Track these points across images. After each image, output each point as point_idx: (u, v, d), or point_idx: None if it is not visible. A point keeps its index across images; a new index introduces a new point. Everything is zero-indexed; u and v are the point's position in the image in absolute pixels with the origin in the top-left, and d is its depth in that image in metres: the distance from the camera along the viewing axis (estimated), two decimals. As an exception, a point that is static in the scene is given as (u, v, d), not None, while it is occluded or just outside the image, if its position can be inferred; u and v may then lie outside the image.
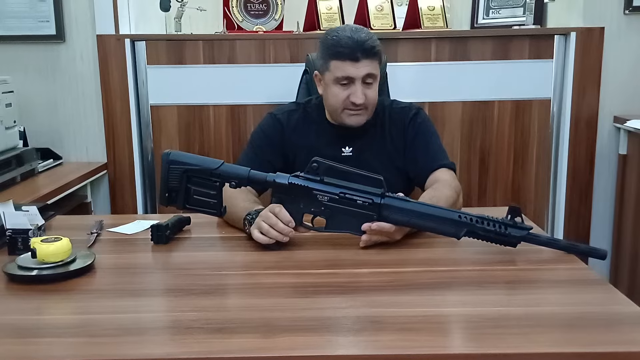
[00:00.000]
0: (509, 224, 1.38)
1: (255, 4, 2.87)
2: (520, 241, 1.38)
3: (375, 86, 1.76)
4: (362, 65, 1.71)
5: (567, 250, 1.40)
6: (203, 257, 1.43)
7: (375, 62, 1.74)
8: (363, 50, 1.70)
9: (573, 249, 1.40)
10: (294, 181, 1.43)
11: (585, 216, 2.83)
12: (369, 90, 1.74)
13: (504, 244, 1.39)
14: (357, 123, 1.78)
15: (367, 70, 1.72)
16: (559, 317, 1.10)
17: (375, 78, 1.75)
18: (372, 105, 1.78)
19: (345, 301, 1.17)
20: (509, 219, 1.38)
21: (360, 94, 1.73)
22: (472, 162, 2.77)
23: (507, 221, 1.38)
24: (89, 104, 2.79)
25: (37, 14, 2.72)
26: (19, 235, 1.42)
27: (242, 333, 1.04)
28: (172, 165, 1.44)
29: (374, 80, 1.75)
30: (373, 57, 1.72)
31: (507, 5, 3.07)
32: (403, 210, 1.41)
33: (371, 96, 1.75)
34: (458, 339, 1.06)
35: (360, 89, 1.73)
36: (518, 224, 1.38)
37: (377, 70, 1.74)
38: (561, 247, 1.40)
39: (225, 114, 2.72)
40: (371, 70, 1.72)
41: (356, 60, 1.71)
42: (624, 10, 2.75)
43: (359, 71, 1.71)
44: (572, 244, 1.42)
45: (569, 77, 2.68)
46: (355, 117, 1.77)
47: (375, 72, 1.74)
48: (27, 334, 1.06)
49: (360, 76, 1.72)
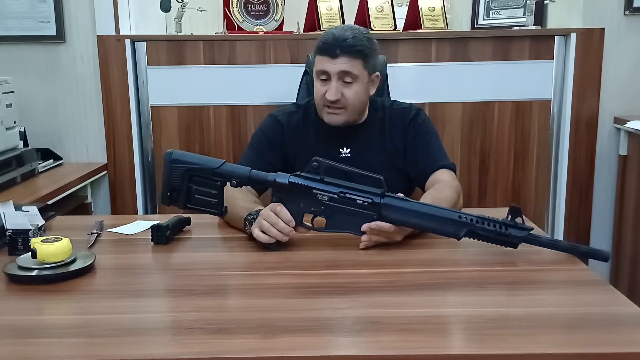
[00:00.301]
0: (510, 224, 1.37)
1: (255, 5, 2.87)
2: (520, 242, 1.38)
3: (356, 86, 1.74)
4: (339, 62, 1.71)
5: (568, 252, 1.39)
6: (203, 258, 1.43)
7: (356, 62, 1.72)
8: (341, 47, 1.70)
9: (574, 251, 1.40)
10: (294, 180, 1.43)
11: (585, 217, 2.82)
12: (347, 89, 1.73)
13: (505, 245, 1.39)
14: (333, 122, 1.78)
15: (344, 67, 1.71)
16: (559, 318, 1.10)
17: (355, 78, 1.73)
18: (352, 106, 1.76)
19: (345, 302, 1.16)
20: (510, 220, 1.37)
21: (333, 90, 1.72)
22: (472, 163, 2.77)
23: (508, 222, 1.37)
24: (89, 104, 2.79)
25: (37, 14, 2.72)
26: (19, 235, 1.42)
27: (243, 333, 1.04)
28: (174, 164, 1.44)
29: (354, 80, 1.73)
30: (352, 55, 1.71)
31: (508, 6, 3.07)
32: (403, 210, 1.41)
33: (349, 96, 1.74)
34: (459, 340, 1.06)
35: (335, 85, 1.72)
36: (519, 224, 1.37)
37: (356, 69, 1.72)
38: (562, 249, 1.40)
39: (225, 115, 2.72)
40: (348, 68, 1.71)
41: (334, 57, 1.71)
42: (624, 11, 2.75)
43: (335, 67, 1.71)
44: (573, 245, 1.42)
45: (569, 78, 2.68)
46: (332, 115, 1.77)
47: (354, 71, 1.72)
48: (27, 334, 1.06)
49: (335, 72, 1.72)
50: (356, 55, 1.72)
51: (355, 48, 1.71)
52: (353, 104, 1.76)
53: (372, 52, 1.76)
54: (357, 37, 1.72)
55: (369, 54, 1.74)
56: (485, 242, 1.39)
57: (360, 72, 1.73)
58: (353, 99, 1.75)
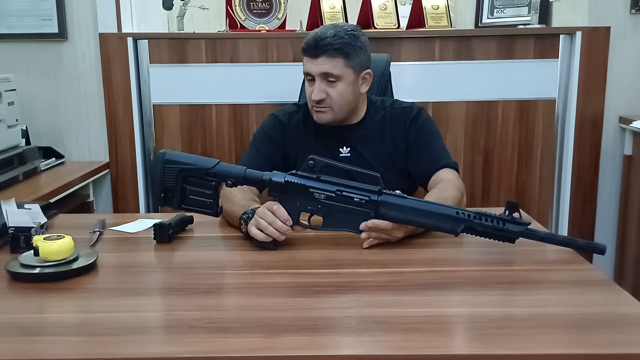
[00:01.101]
0: (507, 219, 1.37)
1: (258, 3, 2.86)
2: (518, 237, 1.37)
3: (340, 85, 1.73)
4: (320, 62, 1.71)
5: (565, 245, 1.39)
6: (206, 257, 1.43)
7: (336, 61, 1.71)
8: (320, 47, 1.70)
9: (571, 244, 1.39)
10: (290, 179, 1.42)
11: (589, 217, 2.81)
12: (331, 88, 1.73)
13: (503, 240, 1.38)
14: (321, 120, 1.78)
15: (325, 68, 1.71)
16: (564, 318, 1.09)
17: (338, 77, 1.72)
18: (338, 105, 1.75)
19: (348, 301, 1.16)
20: (507, 215, 1.37)
21: (316, 90, 1.72)
22: (476, 162, 2.76)
23: (505, 217, 1.37)
24: (91, 102, 2.79)
25: (39, 12, 2.72)
26: (22, 233, 1.41)
27: (245, 333, 1.03)
28: (167, 165, 1.43)
29: (337, 79, 1.72)
30: (332, 54, 1.70)
31: (512, 5, 3.06)
32: (400, 207, 1.40)
33: (333, 95, 1.73)
34: (463, 340, 1.05)
35: (318, 85, 1.73)
36: (516, 219, 1.37)
37: (337, 69, 1.71)
38: (559, 242, 1.39)
39: (227, 113, 2.72)
40: (328, 69, 1.71)
41: (315, 57, 1.71)
42: (630, 10, 2.74)
43: (317, 68, 1.72)
44: (570, 238, 1.41)
45: (574, 77, 2.67)
46: (319, 114, 1.77)
47: (334, 72, 1.71)
48: (30, 332, 1.05)
49: (317, 73, 1.72)
50: (336, 54, 1.70)
51: (333, 47, 1.70)
52: (339, 103, 1.75)
53: (355, 49, 1.73)
54: (338, 35, 1.71)
55: (351, 52, 1.72)
56: (483, 237, 1.39)
57: (343, 70, 1.72)
58: (338, 98, 1.74)
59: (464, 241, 1.40)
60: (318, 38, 1.71)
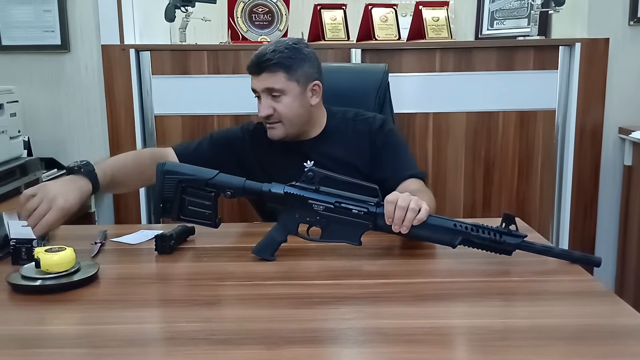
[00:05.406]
0: (504, 231, 1.37)
1: (259, 15, 2.88)
2: (515, 249, 1.38)
3: (286, 99, 1.73)
4: (262, 79, 1.73)
5: (561, 258, 1.39)
6: (207, 268, 1.43)
7: (277, 75, 1.71)
8: (260, 64, 1.72)
9: (567, 257, 1.39)
10: (290, 191, 1.43)
11: (590, 227, 2.81)
12: (277, 103, 1.74)
13: (499, 252, 1.39)
14: (272, 136, 1.78)
15: (267, 84, 1.72)
16: (565, 329, 1.09)
17: (282, 91, 1.72)
18: (287, 119, 1.75)
19: (349, 312, 1.16)
20: (504, 227, 1.37)
21: (263, 106, 1.74)
22: (476, 173, 2.76)
23: (502, 229, 1.37)
24: (94, 113, 2.80)
25: (42, 24, 2.74)
26: (23, 245, 1.41)
27: (247, 344, 1.03)
28: (167, 175, 1.44)
29: (281, 94, 1.73)
30: (272, 70, 1.71)
31: (512, 16, 3.08)
32: None
33: (280, 109, 1.74)
34: (464, 351, 1.05)
35: (264, 102, 1.74)
36: (512, 232, 1.37)
37: (279, 83, 1.72)
38: (555, 255, 1.39)
39: (229, 124, 2.72)
40: (269, 84, 1.72)
41: (257, 74, 1.73)
42: (629, 21, 2.76)
43: (260, 84, 1.73)
44: (566, 251, 1.41)
45: (573, 88, 2.68)
46: (271, 130, 1.78)
47: (276, 86, 1.72)
48: (31, 344, 1.05)
49: (261, 89, 1.74)
50: (276, 68, 1.71)
51: (272, 62, 1.71)
52: (288, 116, 1.75)
53: (297, 62, 1.73)
54: (277, 50, 1.72)
55: (292, 65, 1.73)
56: (480, 249, 1.39)
57: (285, 84, 1.72)
58: (286, 112, 1.74)
59: (464, 252, 1.40)
60: (259, 55, 1.73)
